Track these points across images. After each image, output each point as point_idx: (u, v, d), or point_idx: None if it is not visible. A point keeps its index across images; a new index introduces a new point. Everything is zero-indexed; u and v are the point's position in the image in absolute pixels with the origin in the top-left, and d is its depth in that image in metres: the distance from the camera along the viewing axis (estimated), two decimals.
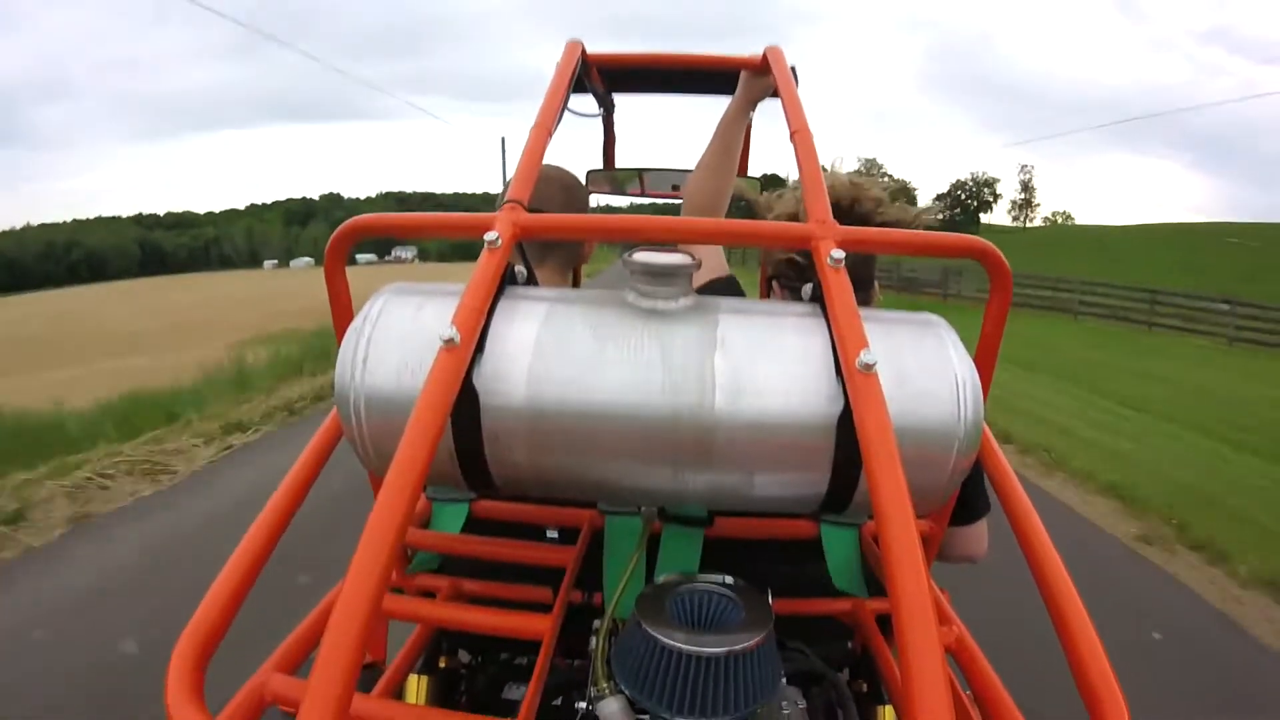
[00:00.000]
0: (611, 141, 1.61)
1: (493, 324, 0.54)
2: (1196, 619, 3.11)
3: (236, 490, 4.10)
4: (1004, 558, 0.88)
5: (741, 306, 0.58)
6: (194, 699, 0.45)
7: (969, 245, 0.59)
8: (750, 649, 0.53)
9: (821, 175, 0.66)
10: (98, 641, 2.53)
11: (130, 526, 3.64)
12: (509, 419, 0.52)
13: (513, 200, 0.61)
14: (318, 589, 0.61)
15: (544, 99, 0.77)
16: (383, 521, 0.40)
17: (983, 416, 0.53)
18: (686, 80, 1.29)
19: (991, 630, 0.85)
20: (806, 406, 0.51)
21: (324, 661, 0.35)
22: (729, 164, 1.15)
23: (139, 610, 2.72)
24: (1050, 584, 0.54)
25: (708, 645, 0.53)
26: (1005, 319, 0.61)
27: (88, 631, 2.63)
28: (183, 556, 3.19)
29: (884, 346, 0.51)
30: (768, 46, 0.97)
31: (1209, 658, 2.81)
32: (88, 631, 2.63)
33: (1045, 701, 0.78)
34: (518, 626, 0.64)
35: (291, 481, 0.60)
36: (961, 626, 0.67)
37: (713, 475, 0.54)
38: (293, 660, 0.57)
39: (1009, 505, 0.62)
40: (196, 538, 3.43)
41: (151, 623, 2.54)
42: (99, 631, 2.61)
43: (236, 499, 3.89)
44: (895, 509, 0.41)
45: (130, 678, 2.27)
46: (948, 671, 0.37)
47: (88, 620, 2.73)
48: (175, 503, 3.99)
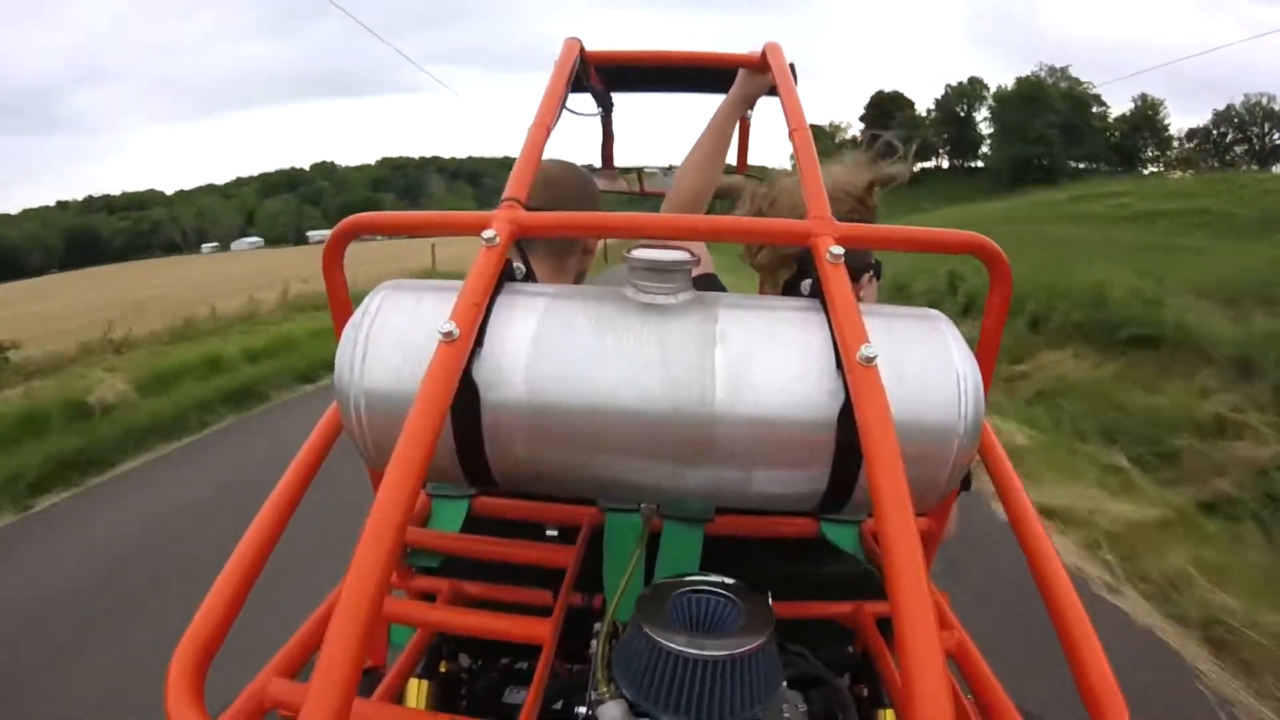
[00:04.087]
0: (610, 140, 1.61)
1: (491, 319, 0.54)
2: None
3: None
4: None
5: (741, 301, 0.58)
6: (194, 703, 0.45)
7: (969, 242, 0.59)
8: (751, 652, 0.53)
9: (820, 173, 0.66)
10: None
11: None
12: (509, 414, 0.52)
13: (511, 198, 0.61)
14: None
15: (542, 97, 0.77)
16: (383, 518, 0.39)
17: (983, 412, 0.53)
18: (685, 79, 1.29)
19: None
20: (807, 401, 0.51)
21: (324, 666, 0.35)
22: (715, 162, 1.14)
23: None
24: (1050, 584, 0.53)
25: (708, 648, 0.53)
26: (1006, 314, 0.61)
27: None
28: None
29: (884, 341, 0.51)
30: (766, 43, 0.96)
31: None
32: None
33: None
34: (518, 631, 0.64)
35: (290, 479, 0.59)
36: (962, 631, 0.66)
37: (712, 470, 0.54)
38: (293, 664, 0.57)
39: (1009, 505, 0.62)
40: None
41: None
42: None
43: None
44: (895, 504, 0.41)
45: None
46: (949, 675, 0.37)
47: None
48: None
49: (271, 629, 0.66)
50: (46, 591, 3.00)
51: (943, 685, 0.35)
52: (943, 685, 0.35)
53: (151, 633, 2.43)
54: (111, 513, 3.89)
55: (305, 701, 0.34)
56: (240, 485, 3.89)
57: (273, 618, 0.82)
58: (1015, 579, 0.93)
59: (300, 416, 5.23)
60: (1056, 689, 0.81)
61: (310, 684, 0.35)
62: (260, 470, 2.76)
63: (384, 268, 11.41)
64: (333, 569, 0.48)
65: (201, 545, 2.82)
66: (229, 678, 0.55)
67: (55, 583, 3.07)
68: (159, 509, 3.90)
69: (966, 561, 2.62)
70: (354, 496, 0.88)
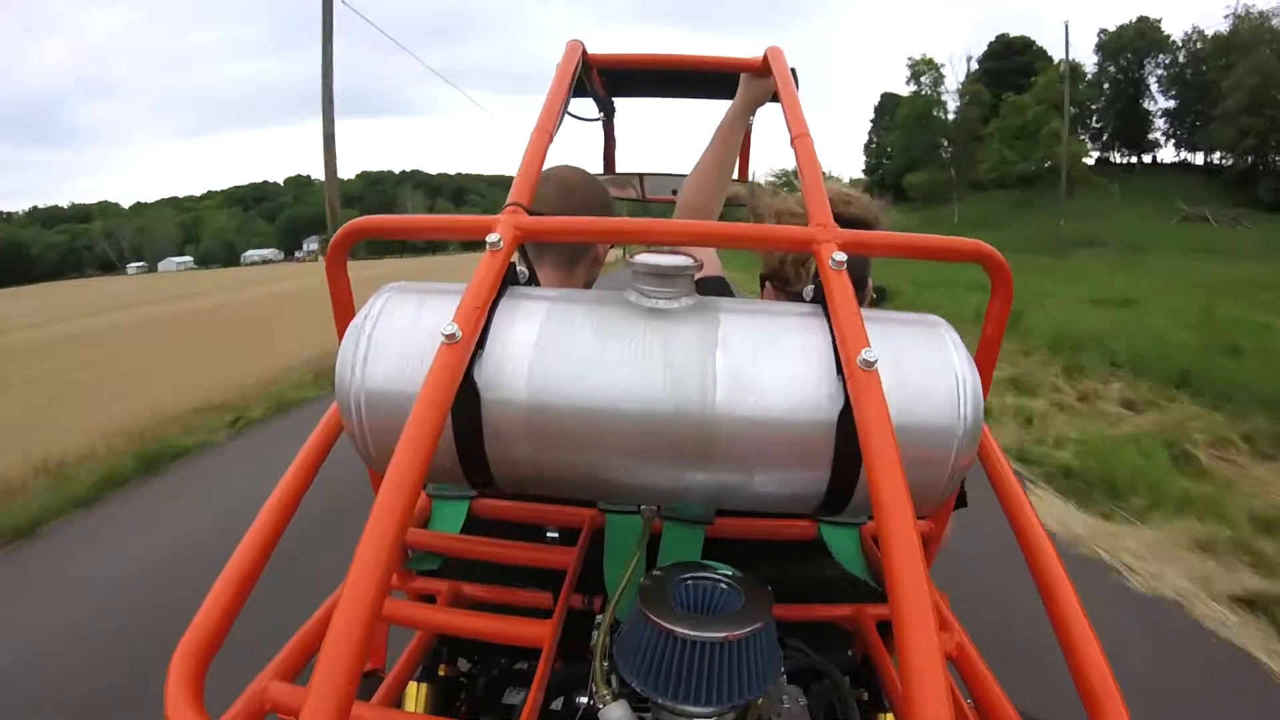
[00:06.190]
0: (612, 145, 1.61)
1: (494, 322, 0.54)
2: None
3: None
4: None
5: (743, 306, 0.58)
6: (194, 704, 0.45)
7: (972, 250, 0.59)
8: (751, 634, 0.53)
9: (822, 179, 0.67)
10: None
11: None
12: (510, 415, 0.52)
13: (514, 203, 0.62)
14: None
15: (545, 101, 0.78)
16: (384, 518, 0.39)
17: (983, 416, 0.53)
18: (686, 84, 1.29)
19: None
20: (807, 405, 0.51)
21: (324, 669, 0.35)
22: (725, 170, 1.16)
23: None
24: (1049, 585, 0.54)
25: (708, 630, 0.53)
26: (1006, 321, 0.62)
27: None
28: None
29: (885, 346, 0.51)
30: (768, 47, 0.96)
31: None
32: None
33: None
34: (518, 633, 0.64)
35: (291, 480, 0.59)
36: (963, 633, 0.67)
37: (713, 473, 0.54)
38: (292, 667, 0.56)
39: (1008, 506, 0.62)
40: None
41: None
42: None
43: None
44: (895, 507, 0.41)
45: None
46: (948, 678, 0.37)
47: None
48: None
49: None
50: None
51: (942, 688, 0.35)
52: (942, 688, 0.35)
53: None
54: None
55: (304, 704, 0.34)
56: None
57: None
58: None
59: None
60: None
61: (309, 686, 0.35)
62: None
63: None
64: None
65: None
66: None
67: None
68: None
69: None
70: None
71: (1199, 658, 2.35)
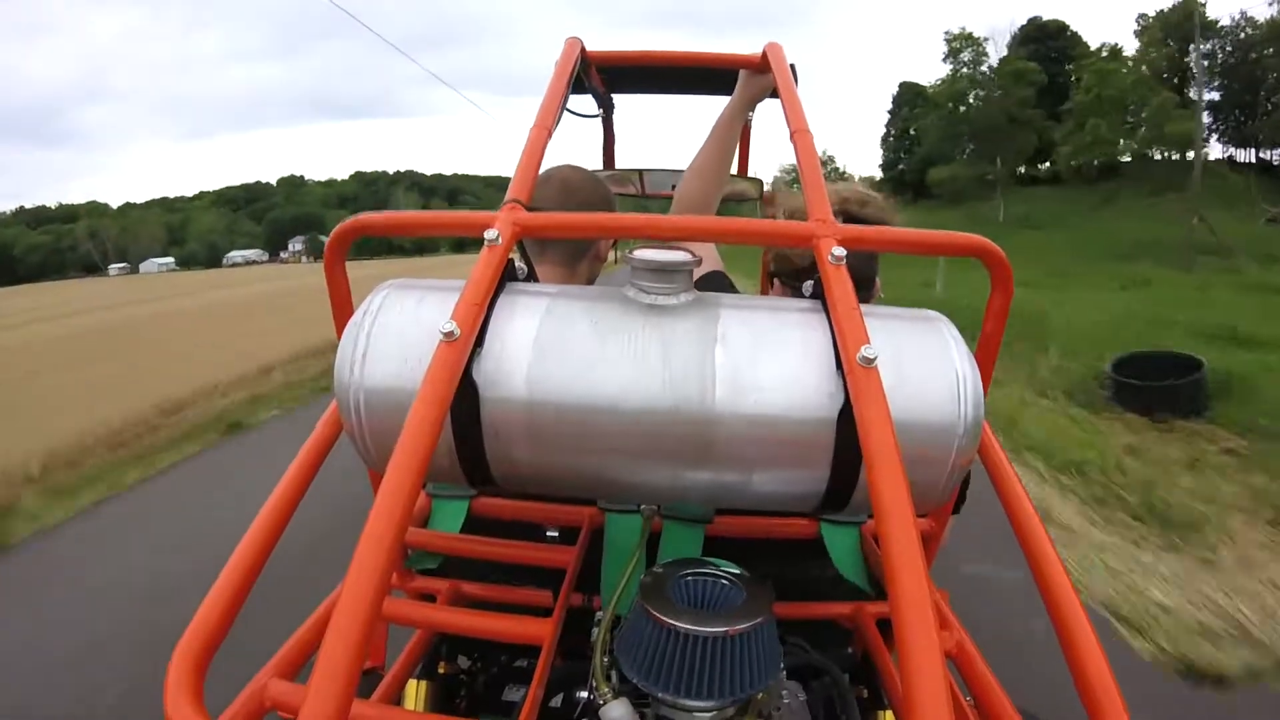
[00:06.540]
0: (611, 141, 1.65)
1: (493, 319, 0.54)
2: None
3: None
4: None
5: (742, 302, 0.58)
6: (194, 702, 0.45)
7: (971, 244, 0.59)
8: (752, 629, 0.54)
9: (822, 175, 0.67)
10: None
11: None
12: (509, 413, 0.52)
13: (513, 199, 0.62)
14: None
15: (543, 98, 0.79)
16: (383, 518, 0.40)
17: (983, 413, 0.53)
18: (685, 80, 1.30)
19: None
20: (807, 402, 0.51)
21: (323, 667, 0.35)
22: (722, 166, 1.16)
23: None
24: (1050, 584, 0.53)
25: (709, 625, 0.53)
26: (1006, 317, 0.62)
27: None
28: None
29: (885, 343, 0.51)
30: (767, 43, 0.96)
31: None
32: None
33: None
34: (518, 631, 0.65)
35: (290, 480, 0.59)
36: (962, 631, 0.67)
37: (713, 471, 0.54)
38: (292, 664, 0.57)
39: (1009, 505, 0.62)
40: None
41: None
42: None
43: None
44: (895, 505, 0.41)
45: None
46: (948, 676, 0.37)
47: None
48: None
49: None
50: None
51: (942, 686, 0.35)
52: (942, 686, 0.35)
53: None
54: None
55: (304, 702, 0.34)
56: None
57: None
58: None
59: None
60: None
61: (309, 684, 0.35)
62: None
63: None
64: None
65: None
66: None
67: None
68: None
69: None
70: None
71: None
